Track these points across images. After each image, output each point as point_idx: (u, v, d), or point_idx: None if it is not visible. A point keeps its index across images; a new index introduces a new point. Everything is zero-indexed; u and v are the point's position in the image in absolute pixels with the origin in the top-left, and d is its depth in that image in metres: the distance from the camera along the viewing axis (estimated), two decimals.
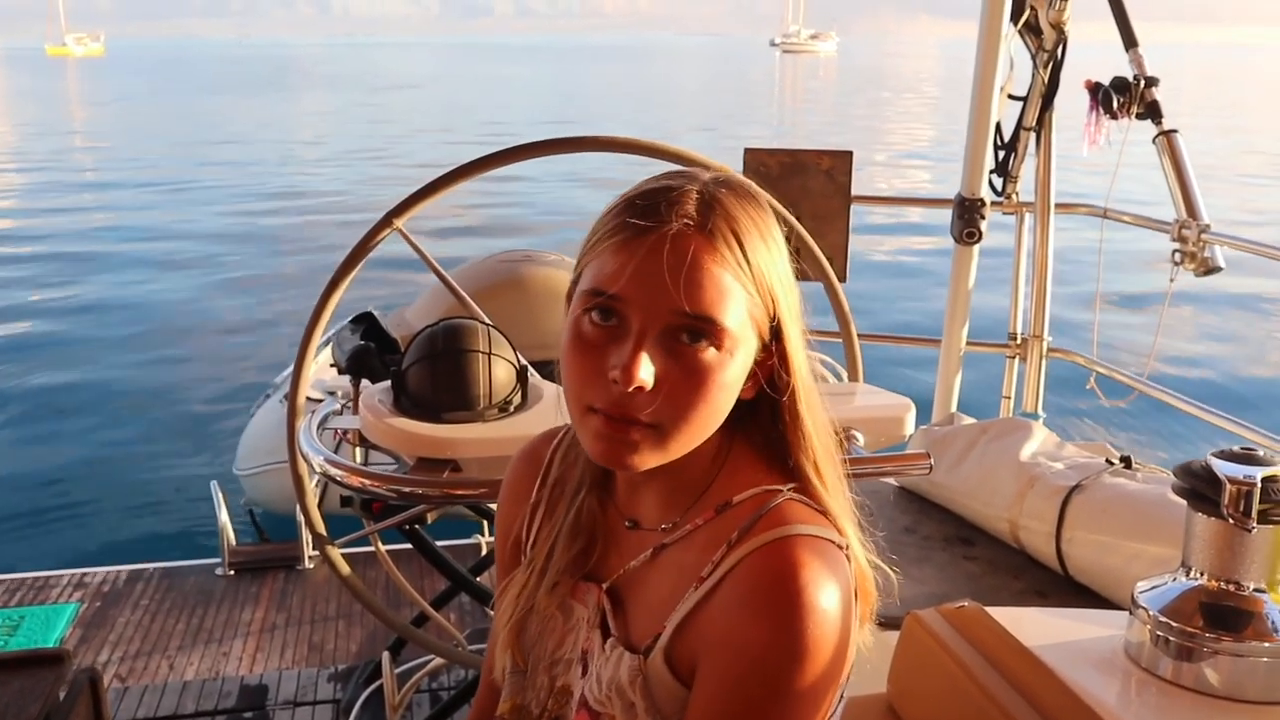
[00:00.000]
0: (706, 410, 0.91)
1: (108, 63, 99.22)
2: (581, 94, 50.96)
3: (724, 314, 0.89)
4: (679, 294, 0.87)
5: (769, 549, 0.90)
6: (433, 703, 2.96)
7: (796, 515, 0.93)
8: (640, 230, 0.89)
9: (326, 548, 2.11)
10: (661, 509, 1.00)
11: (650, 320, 0.89)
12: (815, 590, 0.87)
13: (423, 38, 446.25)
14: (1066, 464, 2.08)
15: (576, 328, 0.92)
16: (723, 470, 0.99)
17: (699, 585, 0.93)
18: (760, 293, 0.92)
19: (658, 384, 0.88)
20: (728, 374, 0.91)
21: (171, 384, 8.28)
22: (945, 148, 23.42)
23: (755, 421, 0.99)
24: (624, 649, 0.97)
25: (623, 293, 0.89)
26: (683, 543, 0.98)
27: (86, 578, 3.77)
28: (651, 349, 0.88)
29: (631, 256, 0.89)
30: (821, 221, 3.01)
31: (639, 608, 1.00)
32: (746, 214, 0.92)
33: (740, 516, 0.94)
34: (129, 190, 18.19)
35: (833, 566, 0.90)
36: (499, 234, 13.30)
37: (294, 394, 2.02)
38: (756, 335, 0.93)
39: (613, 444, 0.91)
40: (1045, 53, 3.02)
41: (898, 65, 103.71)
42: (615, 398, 0.89)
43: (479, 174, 2.01)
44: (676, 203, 0.90)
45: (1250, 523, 1.07)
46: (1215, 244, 2.67)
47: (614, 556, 1.04)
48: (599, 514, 1.05)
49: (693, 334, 0.89)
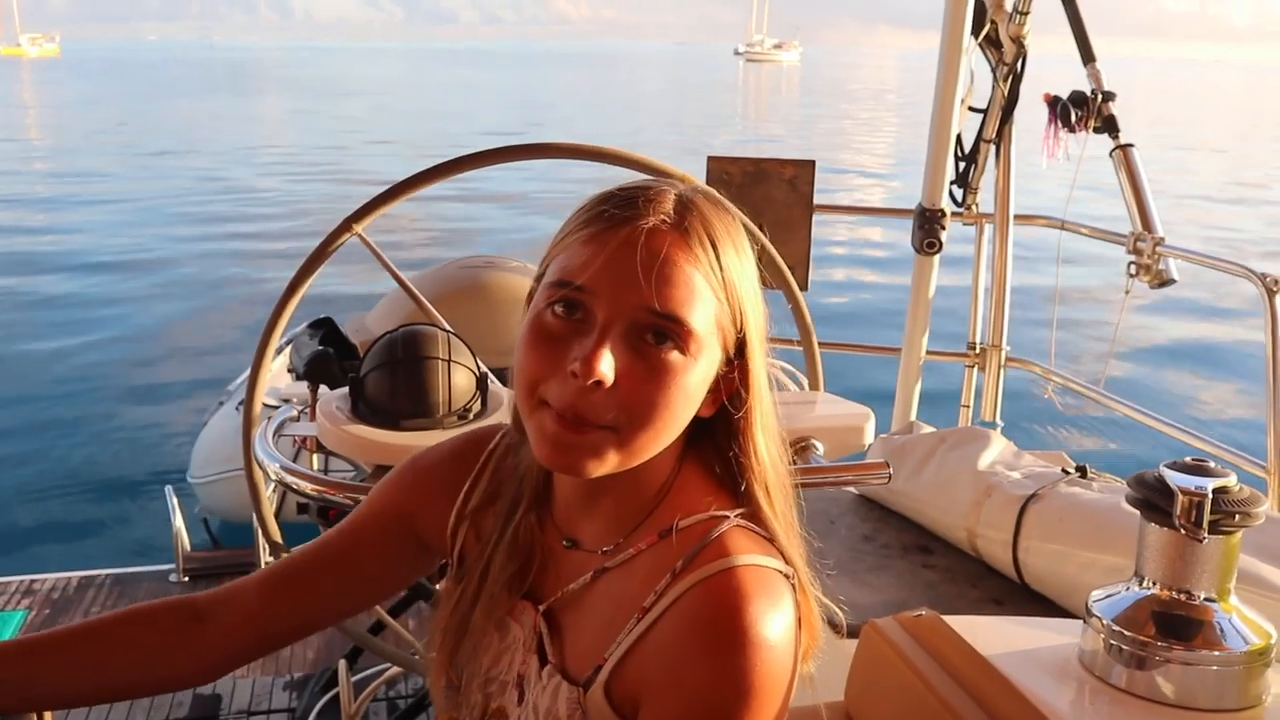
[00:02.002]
0: (666, 415, 0.88)
1: (63, 64, 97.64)
2: (545, 101, 50.89)
3: (692, 316, 0.87)
4: (649, 289, 0.85)
5: (713, 582, 0.86)
6: (389, 711, 2.93)
7: (742, 545, 0.89)
8: (614, 223, 0.87)
9: (283, 555, 2.08)
10: (603, 529, 0.96)
11: (616, 314, 0.86)
12: (760, 626, 0.84)
13: (387, 44, 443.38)
14: (1024, 473, 2.10)
15: (538, 320, 0.89)
16: (670, 492, 0.95)
17: (641, 616, 0.89)
18: (730, 302, 0.90)
19: (617, 382, 0.85)
20: (690, 379, 0.88)
21: (123, 389, 8.15)
22: (903, 159, 23.62)
23: (710, 441, 0.96)
24: (561, 678, 0.94)
25: (590, 284, 0.86)
26: (624, 568, 0.94)
27: (35, 584, 3.70)
28: (615, 344, 0.85)
29: (603, 248, 0.87)
30: (784, 230, 3.02)
31: (578, 634, 0.96)
32: (722, 222, 0.91)
33: (685, 544, 0.90)
34: (76, 201, 17.87)
35: (777, 600, 0.87)
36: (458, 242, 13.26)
37: (250, 399, 1.99)
38: (721, 346, 0.91)
39: (563, 447, 0.87)
40: (1005, 66, 3.05)
41: (859, 75, 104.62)
42: (572, 393, 0.85)
43: (441, 179, 1.99)
44: (654, 200, 0.88)
45: (1201, 533, 1.08)
46: (1169, 256, 2.71)
47: (552, 576, 0.99)
48: (537, 531, 1.01)
49: (659, 334, 0.86)
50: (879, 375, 3.83)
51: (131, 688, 1.08)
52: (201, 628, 1.07)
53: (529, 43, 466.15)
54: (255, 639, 1.08)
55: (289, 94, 54.32)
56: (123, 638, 1.06)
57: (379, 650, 2.30)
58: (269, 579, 1.08)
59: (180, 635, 1.06)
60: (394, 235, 12.63)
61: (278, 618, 1.07)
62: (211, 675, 1.09)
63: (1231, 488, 1.11)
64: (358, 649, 2.74)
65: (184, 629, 1.07)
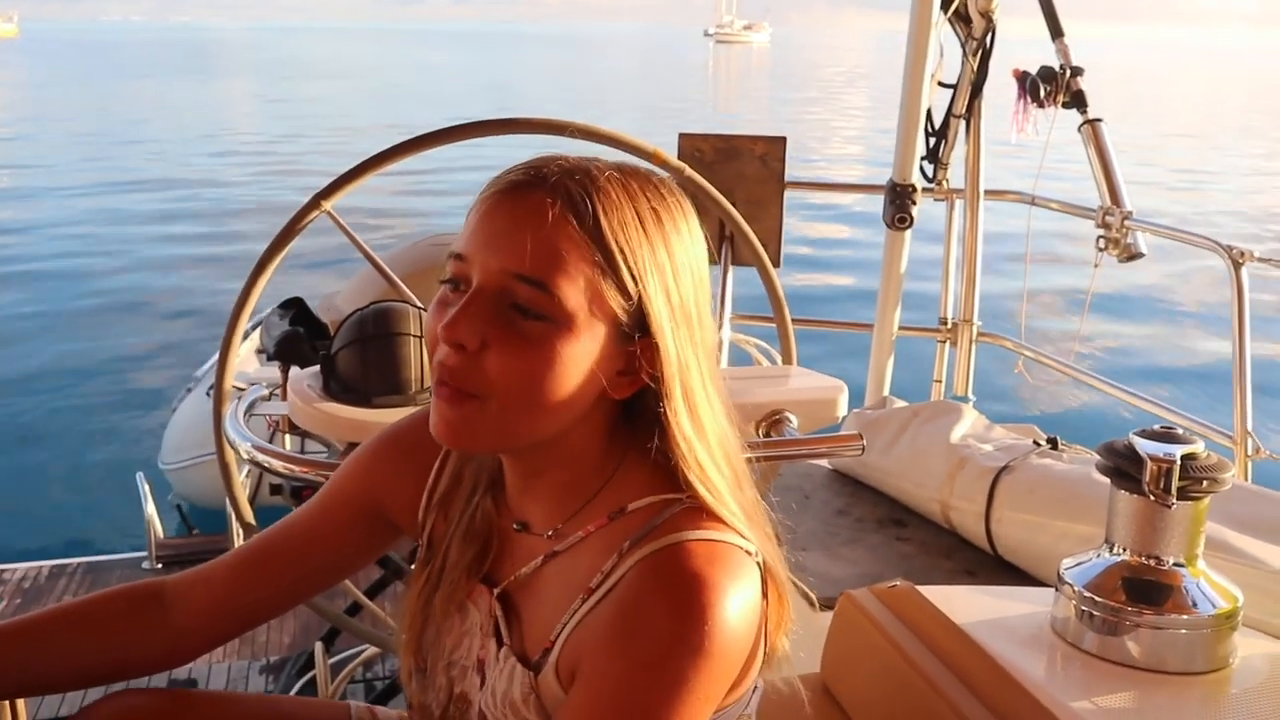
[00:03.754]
0: (543, 390, 0.85)
1: (21, 44, 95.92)
2: (517, 82, 50.53)
3: (559, 280, 0.83)
4: (512, 251, 0.84)
5: (665, 552, 0.84)
6: (367, 692, 2.92)
7: (695, 523, 0.86)
8: (495, 191, 0.87)
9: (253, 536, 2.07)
10: (547, 512, 0.95)
11: (485, 280, 0.85)
12: (714, 588, 0.81)
13: (356, 23, 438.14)
14: (995, 445, 2.12)
15: (437, 297, 0.90)
16: (617, 473, 0.93)
17: (587, 596, 0.88)
18: (615, 273, 0.85)
19: (487, 351, 0.84)
20: (563, 352, 0.84)
21: (94, 373, 8.06)
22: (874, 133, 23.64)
23: (644, 426, 0.91)
24: (516, 661, 0.93)
25: (465, 251, 0.87)
26: (574, 550, 0.93)
27: (6, 574, 3.65)
28: (483, 311, 0.84)
29: (479, 213, 0.87)
30: (755, 207, 3.02)
31: (531, 617, 0.95)
32: (624, 190, 0.87)
33: (634, 524, 0.88)
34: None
35: (735, 569, 0.84)
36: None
37: (220, 379, 1.97)
38: (608, 319, 0.86)
39: (444, 421, 0.87)
40: (974, 41, 3.06)
41: (831, 56, 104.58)
42: (444, 359, 0.86)
43: (410, 155, 1.97)
44: (539, 168, 0.87)
45: (1170, 499, 1.10)
46: (1137, 230, 2.73)
47: (507, 560, 0.99)
48: (493, 515, 1.00)
49: (527, 303, 0.84)
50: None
51: (104, 672, 1.07)
52: (173, 609, 1.06)
53: (501, 24, 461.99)
54: (227, 619, 1.07)
55: (259, 77, 53.60)
56: (94, 622, 1.05)
57: (356, 631, 2.29)
58: (239, 559, 1.08)
59: (152, 617, 1.06)
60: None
61: (249, 597, 1.07)
62: (186, 657, 1.08)
63: (1199, 454, 1.12)
64: (334, 631, 2.73)
65: (155, 611, 1.06)
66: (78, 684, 1.07)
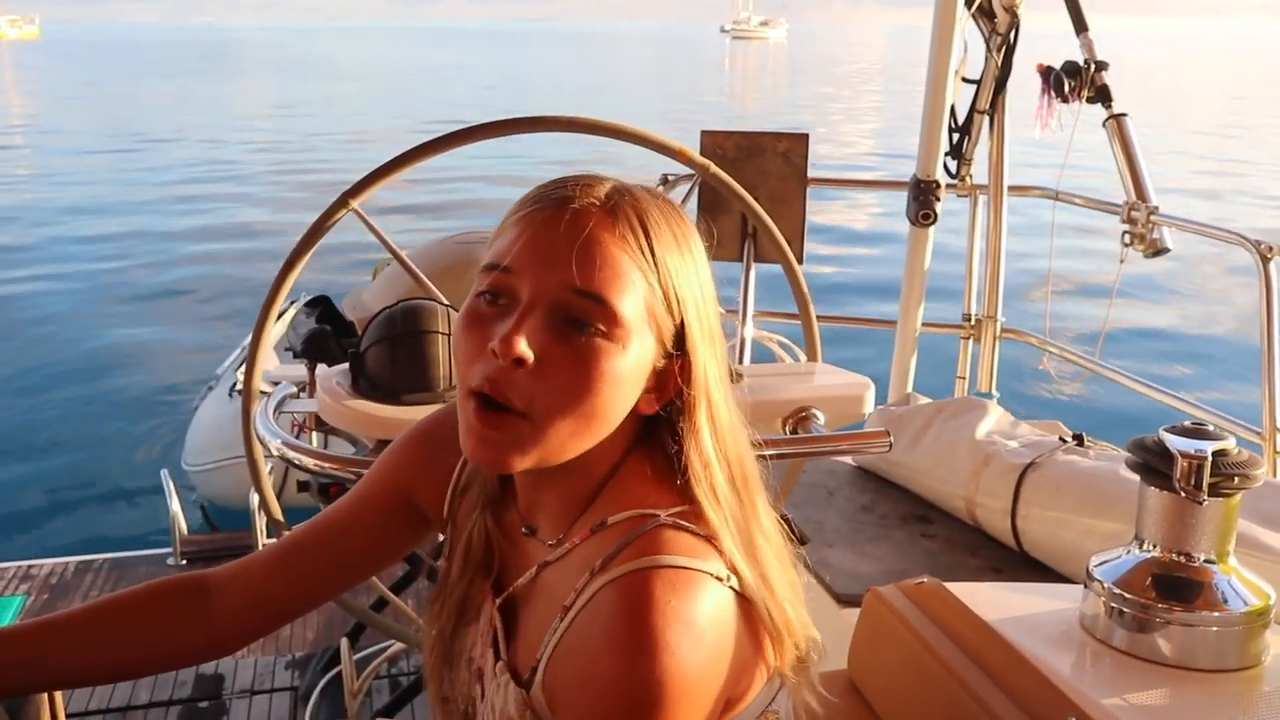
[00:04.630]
0: (590, 405, 0.84)
1: (44, 46, 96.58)
2: (536, 80, 50.53)
3: (617, 297, 0.83)
4: (570, 268, 0.83)
5: (627, 580, 0.81)
6: (392, 688, 2.94)
7: (668, 545, 0.83)
8: (544, 206, 0.86)
9: (284, 534, 2.09)
10: (551, 522, 0.94)
11: (539, 294, 0.84)
12: (671, 632, 0.78)
13: (373, 22, 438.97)
14: (1021, 442, 2.11)
15: (469, 307, 0.88)
16: (610, 485, 0.91)
17: (564, 615, 0.86)
18: (664, 289, 0.86)
19: (539, 366, 0.83)
20: (616, 367, 0.84)
21: (118, 375, 8.13)
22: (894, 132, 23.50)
23: (657, 439, 0.91)
24: (509, 678, 0.92)
25: (514, 264, 0.85)
26: (562, 562, 0.91)
27: (33, 569, 3.69)
28: (537, 325, 0.83)
29: (529, 228, 0.86)
30: (778, 204, 3.01)
31: (525, 630, 0.94)
32: (661, 212, 0.88)
33: (611, 540, 0.86)
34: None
35: (699, 603, 0.80)
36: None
37: (249, 376, 1.99)
38: (655, 336, 0.87)
39: (484, 441, 0.85)
40: (999, 36, 3.05)
41: (850, 52, 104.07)
42: (492, 374, 0.83)
43: (437, 154, 1.98)
44: (588, 186, 0.87)
45: (1201, 496, 1.10)
46: (1163, 225, 2.72)
47: (513, 565, 0.98)
48: (494, 526, 0.99)
49: (583, 319, 0.83)
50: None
51: (142, 665, 1.08)
52: (211, 603, 1.08)
53: (516, 22, 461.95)
54: (265, 613, 1.08)
55: (282, 77, 53.80)
56: (132, 615, 1.06)
57: (381, 627, 2.30)
58: (277, 553, 1.09)
59: (194, 610, 1.07)
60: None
61: (286, 590, 1.08)
62: (222, 651, 1.09)
63: (1230, 450, 1.12)
64: (359, 627, 2.74)
65: (193, 605, 1.07)
66: (116, 676, 1.09)
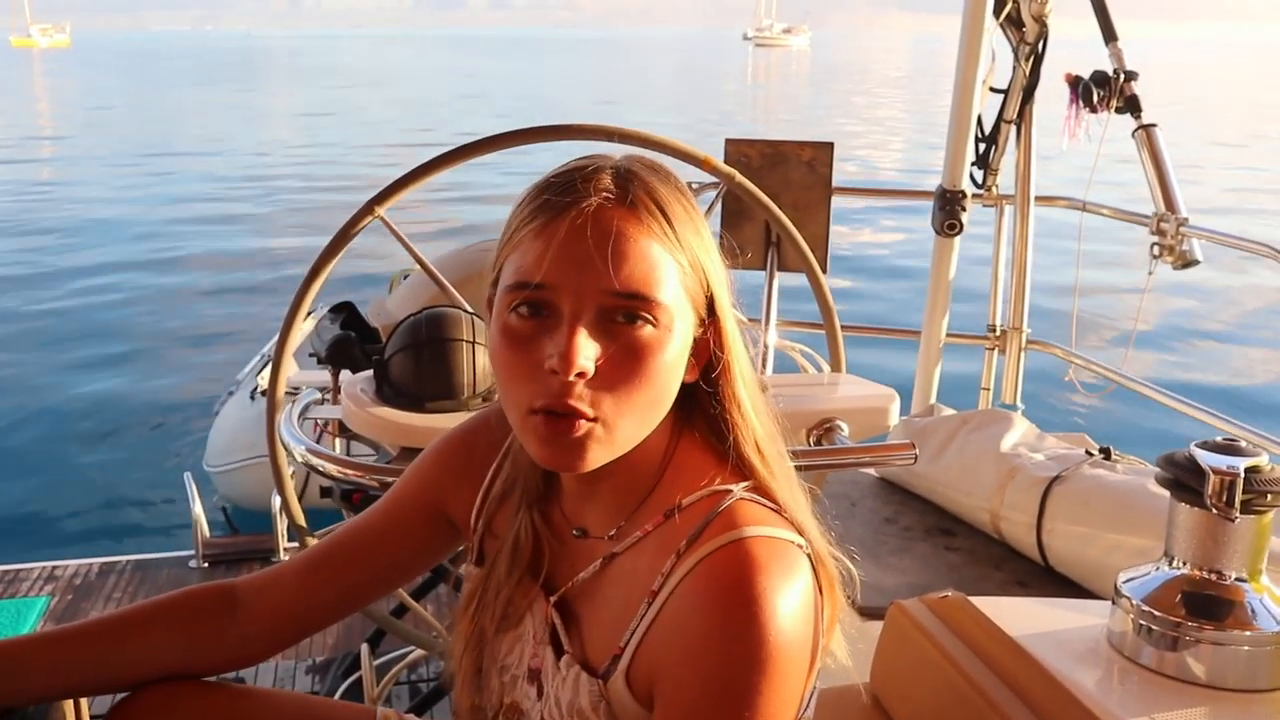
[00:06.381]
0: (652, 393, 0.86)
1: (75, 54, 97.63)
2: (555, 87, 50.62)
3: (657, 288, 0.85)
4: (608, 272, 0.83)
5: (719, 555, 0.84)
6: (412, 694, 2.94)
7: (749, 517, 0.86)
8: (558, 210, 0.85)
9: (306, 539, 2.09)
10: (606, 514, 0.95)
11: (582, 303, 0.84)
12: (774, 596, 0.81)
13: (397, 29, 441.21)
14: (1047, 455, 2.09)
15: (504, 327, 0.87)
16: (669, 468, 0.93)
17: (651, 600, 0.87)
18: (691, 264, 0.88)
19: (597, 369, 0.84)
20: (668, 352, 0.86)
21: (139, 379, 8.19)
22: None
23: (697, 406, 0.93)
24: (580, 669, 0.92)
25: (548, 279, 0.84)
26: (633, 551, 0.92)
27: (57, 570, 3.72)
28: (587, 334, 0.84)
29: (552, 239, 0.84)
30: (802, 212, 3.00)
31: (593, 623, 0.94)
32: (665, 186, 0.89)
33: (689, 521, 0.88)
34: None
35: (791, 568, 0.84)
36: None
37: (274, 382, 2.00)
38: (693, 310, 0.89)
39: (558, 446, 0.85)
40: (1027, 46, 3.03)
41: (874, 60, 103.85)
42: (556, 391, 0.84)
43: (462, 161, 1.99)
44: (592, 178, 0.87)
45: (1233, 513, 1.08)
46: (1193, 237, 2.69)
47: (564, 565, 0.98)
48: (543, 526, 1.00)
49: (628, 313, 0.84)
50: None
51: (167, 674, 1.08)
52: (239, 614, 1.08)
53: (538, 29, 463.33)
54: (294, 622, 1.09)
55: (312, 84, 54.15)
56: (159, 625, 1.06)
57: (402, 633, 2.30)
58: (307, 562, 1.09)
59: (223, 619, 1.07)
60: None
61: (316, 599, 1.08)
62: (247, 661, 1.10)
63: (1263, 467, 1.10)
64: (379, 633, 2.75)
65: (221, 615, 1.08)
66: (142, 684, 1.08)
